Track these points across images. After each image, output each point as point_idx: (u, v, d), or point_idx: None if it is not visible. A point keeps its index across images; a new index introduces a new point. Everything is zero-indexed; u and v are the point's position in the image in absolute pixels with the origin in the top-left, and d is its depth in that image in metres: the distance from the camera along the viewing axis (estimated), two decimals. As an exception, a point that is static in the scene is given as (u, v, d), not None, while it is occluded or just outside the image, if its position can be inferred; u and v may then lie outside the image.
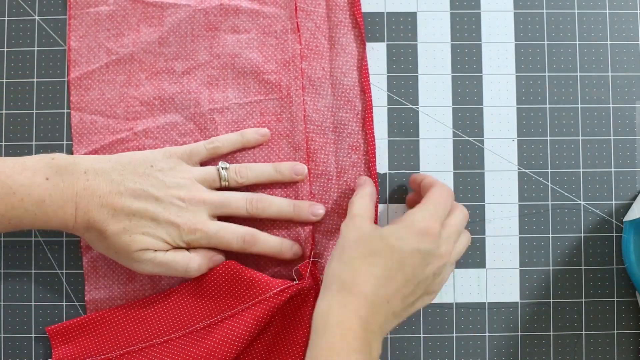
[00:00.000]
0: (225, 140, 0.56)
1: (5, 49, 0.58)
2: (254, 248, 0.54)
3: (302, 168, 0.56)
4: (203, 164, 0.56)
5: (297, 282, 0.55)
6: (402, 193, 0.58)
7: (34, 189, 0.49)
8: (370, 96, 0.57)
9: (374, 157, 0.57)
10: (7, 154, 0.58)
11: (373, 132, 0.57)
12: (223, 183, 0.55)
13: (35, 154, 0.58)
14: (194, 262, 0.53)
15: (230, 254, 0.56)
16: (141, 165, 0.52)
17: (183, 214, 0.52)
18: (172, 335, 0.55)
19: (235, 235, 0.53)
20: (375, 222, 0.56)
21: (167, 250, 0.52)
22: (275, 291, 0.54)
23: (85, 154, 0.57)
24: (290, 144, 0.57)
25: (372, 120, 0.57)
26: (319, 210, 0.56)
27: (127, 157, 0.53)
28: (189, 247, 0.53)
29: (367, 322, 0.46)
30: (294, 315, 0.56)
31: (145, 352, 0.54)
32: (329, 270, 0.49)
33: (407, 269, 0.48)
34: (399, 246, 0.48)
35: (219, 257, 0.55)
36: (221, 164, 0.55)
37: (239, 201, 0.54)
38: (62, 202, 0.49)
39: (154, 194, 0.51)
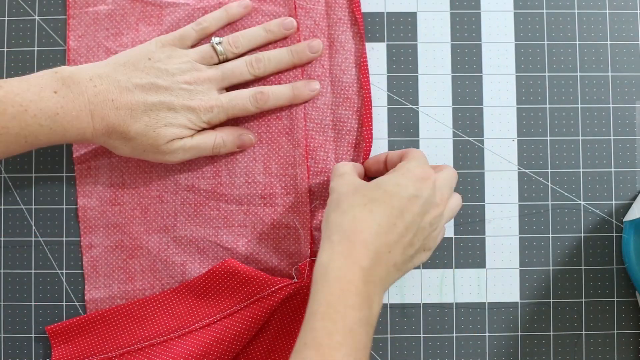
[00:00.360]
0: (212, 19, 0.56)
1: (5, 49, 0.58)
2: (269, 103, 0.55)
3: (290, 22, 0.57)
4: (194, 46, 0.56)
5: (295, 280, 0.55)
6: (402, 193, 0.58)
7: (45, 103, 0.49)
8: (370, 93, 0.57)
9: (369, 154, 0.57)
10: (7, 154, 0.58)
11: (371, 130, 0.57)
12: (221, 57, 0.55)
13: (35, 153, 0.58)
14: (220, 138, 0.55)
15: (230, 254, 0.56)
16: (139, 61, 0.53)
17: (194, 96, 0.53)
18: (172, 334, 0.55)
19: (247, 97, 0.54)
20: None
21: (193, 135, 0.53)
22: (273, 289, 0.54)
23: (85, 153, 0.57)
24: (290, 141, 0.57)
25: (370, 118, 0.57)
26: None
27: (123, 56, 0.53)
28: (211, 127, 0.55)
29: (369, 273, 0.46)
30: (294, 315, 0.56)
31: (145, 351, 0.55)
32: (327, 222, 0.48)
33: (407, 216, 0.48)
34: (397, 192, 0.48)
35: (248, 137, 0.56)
36: (214, 39, 0.55)
37: (240, 67, 0.55)
38: (76, 112, 0.49)
39: (162, 85, 0.52)
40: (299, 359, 0.43)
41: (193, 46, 0.56)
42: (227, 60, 0.56)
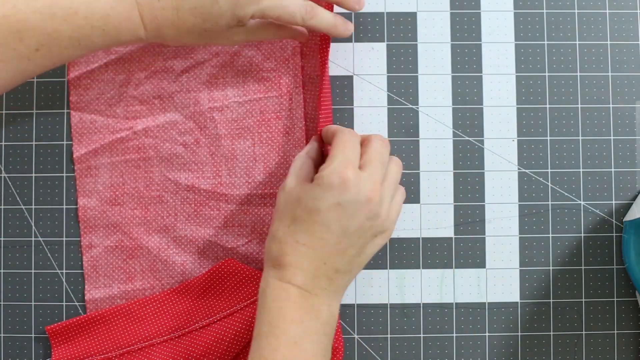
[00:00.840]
0: None
1: (5, 49, 0.58)
2: (312, 21, 0.52)
3: None
4: None
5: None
6: (402, 193, 0.58)
7: (95, 4, 0.48)
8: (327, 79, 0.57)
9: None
10: (7, 154, 0.58)
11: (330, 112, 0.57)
12: None
13: (35, 154, 0.58)
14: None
15: (230, 254, 0.56)
16: None
17: None
18: (172, 334, 0.55)
19: (300, 3, 0.51)
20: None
21: (244, 28, 0.52)
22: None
23: (85, 153, 0.57)
24: (290, 141, 0.57)
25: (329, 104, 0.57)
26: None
27: None
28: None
29: (306, 288, 0.47)
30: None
31: (145, 351, 0.55)
32: (265, 247, 0.50)
33: (333, 227, 0.47)
34: (316, 207, 0.47)
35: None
36: None
37: None
38: (127, 13, 0.48)
39: None
40: None
41: None
42: None
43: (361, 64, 0.59)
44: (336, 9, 0.57)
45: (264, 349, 0.46)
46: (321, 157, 0.54)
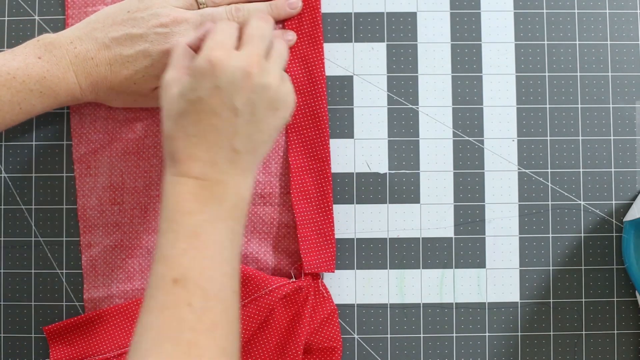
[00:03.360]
0: None
1: (6, 49, 0.58)
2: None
3: None
4: None
5: (294, 279, 0.55)
6: (402, 193, 0.58)
7: (31, 69, 0.50)
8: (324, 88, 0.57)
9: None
10: (7, 154, 0.58)
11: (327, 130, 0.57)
12: (201, 7, 0.54)
13: (35, 154, 0.58)
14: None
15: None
16: (119, 14, 0.53)
17: (170, 38, 0.52)
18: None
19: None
20: None
21: None
22: (270, 288, 0.54)
23: (85, 153, 0.57)
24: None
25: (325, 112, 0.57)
26: (297, 3, 0.56)
27: (103, 12, 0.53)
28: None
29: (205, 177, 0.45)
30: (293, 315, 0.56)
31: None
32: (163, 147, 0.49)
33: (219, 110, 0.45)
34: (196, 96, 0.45)
35: None
36: None
37: (220, 14, 0.54)
38: (62, 74, 0.51)
39: (137, 33, 0.52)
40: (152, 275, 0.44)
41: None
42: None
43: (361, 64, 0.59)
44: (327, 6, 0.57)
45: (163, 246, 0.44)
46: None
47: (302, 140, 0.57)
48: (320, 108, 0.57)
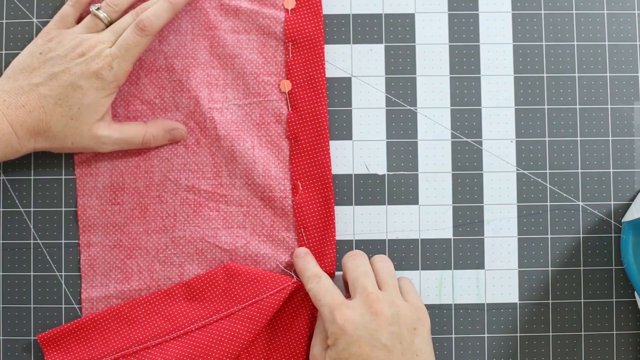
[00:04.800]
0: None
1: (4, 52, 0.58)
2: (155, 26, 0.54)
3: None
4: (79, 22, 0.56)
5: (295, 280, 0.55)
6: (401, 195, 0.58)
7: None
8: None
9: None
10: (5, 157, 0.58)
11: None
12: (106, 21, 0.55)
13: (34, 156, 0.58)
14: (150, 134, 0.56)
15: (228, 255, 0.56)
16: (34, 60, 0.54)
17: (91, 63, 0.53)
18: (166, 336, 0.55)
19: (132, 34, 0.53)
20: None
21: (121, 128, 0.55)
22: (274, 291, 0.54)
23: (85, 153, 0.57)
24: (290, 145, 0.58)
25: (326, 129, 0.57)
26: None
27: (18, 63, 0.54)
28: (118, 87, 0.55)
29: None
30: (294, 315, 0.56)
31: (140, 354, 0.54)
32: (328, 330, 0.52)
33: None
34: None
35: (179, 132, 0.57)
36: (92, 7, 0.55)
37: (128, 23, 0.54)
38: None
39: (59, 70, 0.53)
40: None
41: (78, 22, 0.56)
42: (113, 22, 0.55)
43: (359, 66, 0.59)
44: (325, 8, 0.56)
45: None
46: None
47: (303, 146, 0.57)
48: (321, 113, 0.57)
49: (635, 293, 0.57)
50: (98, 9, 0.55)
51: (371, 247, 0.58)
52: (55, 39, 0.54)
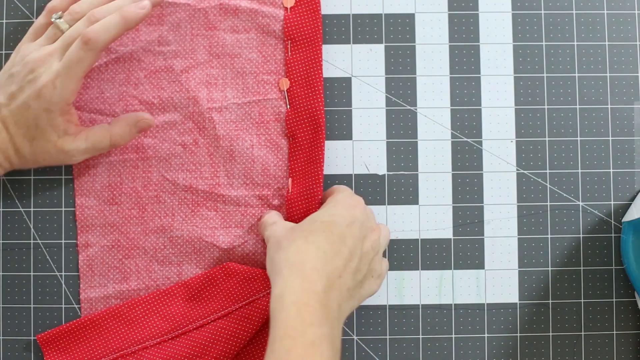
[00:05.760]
0: None
1: (4, 52, 0.58)
2: (101, 41, 0.50)
3: None
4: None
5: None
6: (401, 194, 0.58)
7: None
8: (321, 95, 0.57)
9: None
10: (5, 156, 0.58)
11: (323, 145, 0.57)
12: (65, 28, 0.52)
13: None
14: (116, 135, 0.55)
15: (226, 254, 0.56)
16: (2, 77, 0.52)
17: (37, 81, 0.50)
18: (165, 336, 0.55)
19: (77, 51, 0.50)
20: None
21: (87, 137, 0.53)
22: (269, 290, 0.54)
23: (85, 153, 0.58)
24: (289, 143, 0.58)
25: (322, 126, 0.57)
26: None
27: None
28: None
29: (324, 297, 0.46)
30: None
31: (139, 354, 0.54)
32: (272, 262, 0.49)
33: (349, 242, 0.49)
34: (334, 221, 0.50)
35: (145, 122, 0.56)
36: (53, 16, 0.53)
37: (79, 32, 0.51)
38: None
39: (15, 89, 0.51)
40: None
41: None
42: None
43: (359, 66, 0.59)
44: (325, 8, 0.57)
45: (277, 351, 0.44)
46: None
47: (300, 143, 0.57)
48: (318, 111, 0.57)
49: (635, 293, 0.57)
50: (59, 17, 0.52)
51: (371, 247, 0.58)
52: (20, 54, 0.53)
